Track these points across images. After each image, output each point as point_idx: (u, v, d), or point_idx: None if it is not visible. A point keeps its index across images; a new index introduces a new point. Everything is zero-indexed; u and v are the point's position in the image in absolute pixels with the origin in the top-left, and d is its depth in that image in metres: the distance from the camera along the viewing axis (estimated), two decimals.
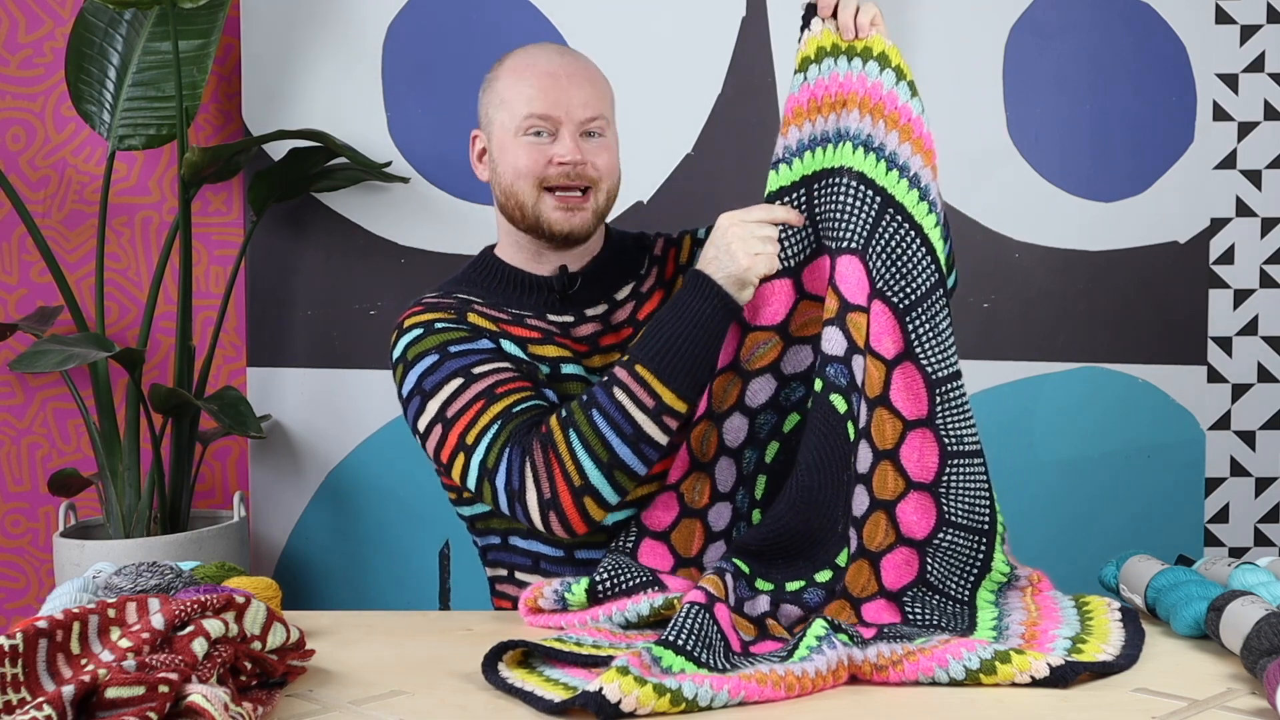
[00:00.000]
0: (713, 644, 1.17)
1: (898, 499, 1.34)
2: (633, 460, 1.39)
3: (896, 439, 1.35)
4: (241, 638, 1.15)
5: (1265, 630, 1.13)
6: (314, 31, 2.48)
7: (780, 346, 1.45)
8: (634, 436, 1.39)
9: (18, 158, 2.57)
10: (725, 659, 1.17)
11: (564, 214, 1.53)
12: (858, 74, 1.40)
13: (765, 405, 1.45)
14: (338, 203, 2.50)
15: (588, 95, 1.54)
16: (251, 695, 1.13)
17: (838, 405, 1.36)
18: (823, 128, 1.43)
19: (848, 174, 1.39)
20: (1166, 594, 1.38)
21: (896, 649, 1.16)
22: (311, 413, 2.52)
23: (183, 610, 1.12)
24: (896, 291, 1.37)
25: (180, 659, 1.05)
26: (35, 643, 1.06)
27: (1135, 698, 1.13)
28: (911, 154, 1.39)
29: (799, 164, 1.45)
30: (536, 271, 1.60)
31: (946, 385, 1.36)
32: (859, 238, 1.37)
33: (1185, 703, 1.11)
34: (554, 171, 1.52)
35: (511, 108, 1.54)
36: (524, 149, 1.53)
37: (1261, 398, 2.55)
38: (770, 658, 1.17)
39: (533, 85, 1.53)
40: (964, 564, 1.34)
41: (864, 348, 1.36)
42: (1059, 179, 2.53)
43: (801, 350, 1.45)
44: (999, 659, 1.14)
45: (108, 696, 0.98)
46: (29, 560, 2.61)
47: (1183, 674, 1.20)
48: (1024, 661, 1.13)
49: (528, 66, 1.55)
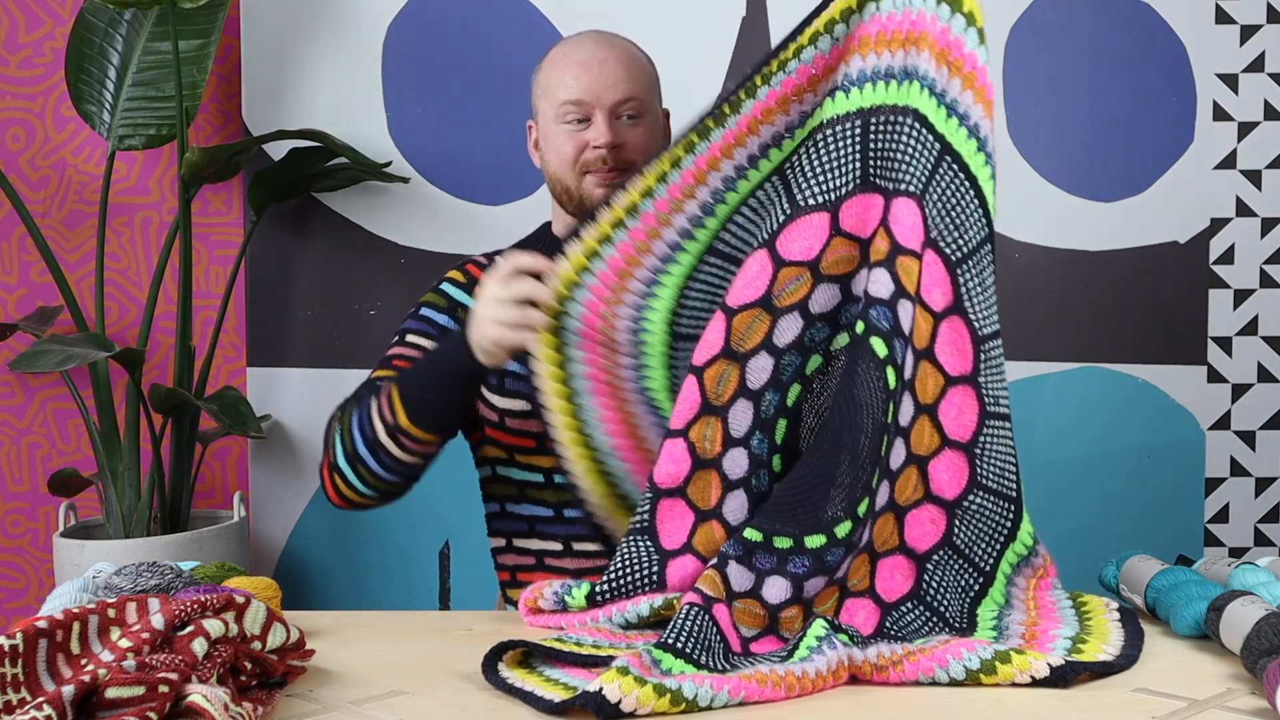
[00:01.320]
0: (711, 645, 1.17)
1: (931, 455, 1.31)
2: (370, 460, 1.51)
3: (937, 394, 1.31)
4: (241, 638, 1.15)
5: (1265, 630, 1.13)
6: (314, 31, 2.48)
7: (810, 284, 1.39)
8: (373, 441, 1.50)
9: (18, 158, 2.57)
10: (725, 660, 1.17)
11: (604, 191, 1.56)
12: (931, 14, 1.33)
13: (791, 345, 1.39)
14: (338, 203, 2.50)
15: (619, 79, 1.58)
16: (251, 695, 1.13)
17: (878, 349, 1.33)
18: (889, 62, 1.37)
19: (911, 114, 1.35)
20: (1166, 594, 1.38)
21: (897, 649, 1.16)
22: (311, 413, 2.51)
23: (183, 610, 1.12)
24: (950, 242, 1.32)
25: (180, 659, 1.05)
26: (35, 643, 1.06)
27: (1135, 698, 1.13)
28: (973, 103, 1.32)
29: (857, 94, 1.38)
30: None
31: (990, 343, 1.32)
32: (919, 182, 1.33)
33: (1185, 703, 1.11)
34: (591, 156, 1.57)
35: (551, 96, 1.60)
36: (563, 136, 1.59)
37: (1261, 398, 2.55)
38: (770, 658, 1.17)
39: (568, 73, 1.59)
40: (992, 529, 1.31)
41: (914, 295, 1.32)
42: (1059, 179, 2.53)
43: (830, 289, 1.39)
44: (999, 659, 1.13)
45: (108, 696, 0.98)
46: (29, 560, 2.61)
47: (1183, 674, 1.20)
48: (1024, 661, 1.13)
49: (564, 54, 1.62)
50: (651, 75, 1.65)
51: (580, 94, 1.57)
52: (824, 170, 1.39)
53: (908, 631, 1.24)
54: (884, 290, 1.34)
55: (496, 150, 2.47)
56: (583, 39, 1.65)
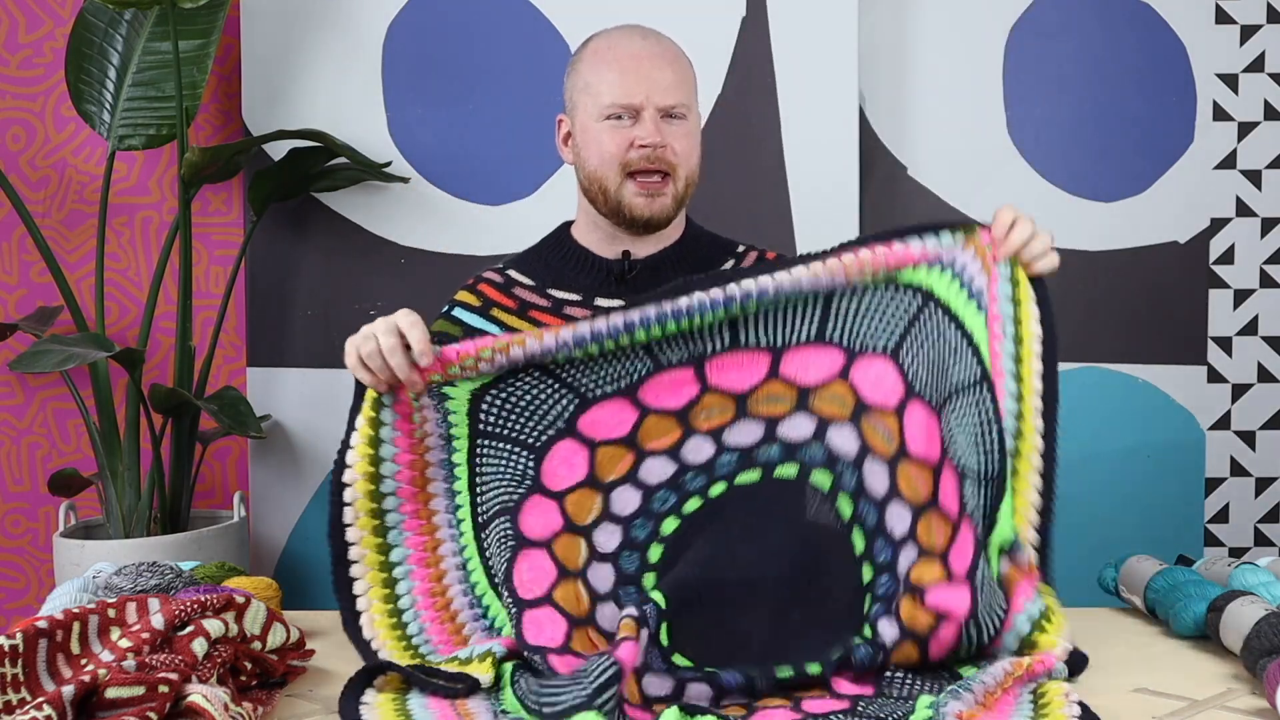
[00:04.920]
0: None
1: (935, 584, 1.29)
2: None
3: (946, 541, 1.30)
4: (241, 638, 1.15)
5: (1265, 630, 1.13)
6: (314, 31, 2.48)
7: (680, 434, 1.37)
8: None
9: (18, 158, 2.57)
10: None
11: (645, 200, 1.55)
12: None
13: (663, 484, 1.36)
14: (338, 203, 2.50)
15: (670, 79, 1.55)
16: (251, 695, 1.14)
17: (821, 484, 1.33)
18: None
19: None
20: (1166, 594, 1.39)
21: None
22: (311, 413, 2.51)
23: (183, 610, 1.12)
24: (936, 390, 1.35)
25: (180, 659, 1.06)
26: (35, 643, 1.06)
27: (1135, 698, 1.13)
28: (963, 247, 1.40)
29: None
30: (601, 253, 1.64)
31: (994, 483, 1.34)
32: (893, 339, 1.37)
33: (1185, 703, 1.11)
34: (635, 154, 1.54)
35: (595, 93, 1.56)
36: (607, 133, 1.55)
37: (1261, 398, 2.55)
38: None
39: (615, 69, 1.55)
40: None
41: (899, 452, 1.33)
42: (1059, 179, 2.53)
43: (704, 443, 1.37)
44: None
45: (108, 696, 0.98)
46: (29, 560, 2.61)
47: (1183, 674, 1.20)
48: None
49: (609, 49, 1.57)
50: (693, 76, 1.62)
51: (629, 95, 1.53)
52: (688, 330, 1.36)
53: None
54: (850, 447, 1.34)
55: (496, 150, 2.47)
56: (628, 34, 1.60)
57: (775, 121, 2.47)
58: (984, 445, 1.35)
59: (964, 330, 1.37)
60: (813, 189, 2.46)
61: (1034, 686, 1.19)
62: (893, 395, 1.35)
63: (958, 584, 1.27)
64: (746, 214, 2.46)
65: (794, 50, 2.46)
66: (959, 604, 1.26)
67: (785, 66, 2.46)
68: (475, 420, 1.37)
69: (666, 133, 1.55)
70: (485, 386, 1.36)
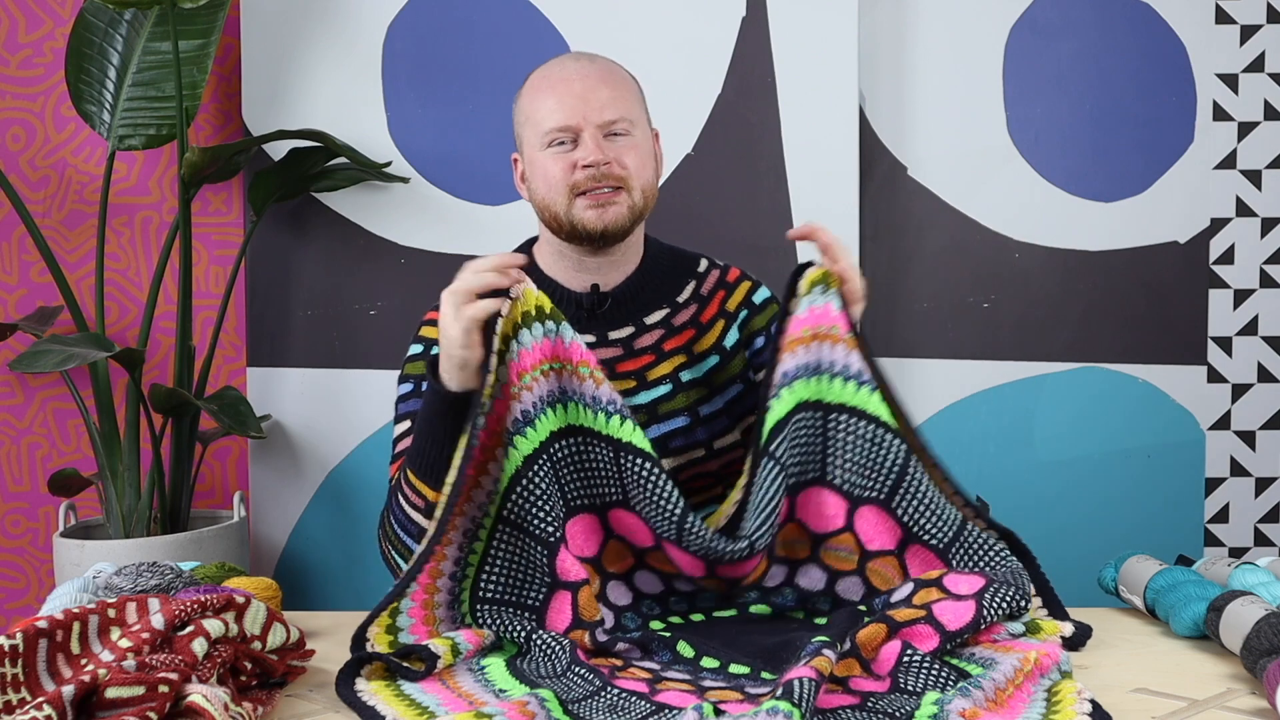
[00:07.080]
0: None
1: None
2: (414, 544, 1.44)
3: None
4: (241, 638, 1.15)
5: (1265, 630, 1.13)
6: (314, 31, 2.48)
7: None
8: (417, 532, 1.42)
9: (18, 158, 2.57)
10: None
11: (596, 211, 1.52)
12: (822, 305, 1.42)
13: (651, 596, 1.44)
14: (338, 203, 2.50)
15: (606, 98, 1.52)
16: (251, 695, 1.14)
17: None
18: (806, 359, 1.43)
19: (871, 419, 1.42)
20: (1166, 594, 1.38)
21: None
22: (311, 413, 2.52)
23: (183, 610, 1.12)
24: (934, 534, 1.40)
25: (180, 659, 1.06)
26: (35, 643, 1.06)
27: (1135, 698, 1.13)
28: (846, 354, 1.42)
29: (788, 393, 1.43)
30: (569, 285, 1.60)
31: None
32: (886, 487, 1.41)
33: (1185, 703, 1.11)
34: (581, 175, 1.51)
35: (535, 121, 1.54)
36: (551, 159, 1.53)
37: (1261, 398, 2.55)
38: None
39: (552, 96, 1.53)
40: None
41: (859, 559, 1.41)
42: (1059, 179, 2.53)
43: (618, 587, 1.41)
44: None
45: (108, 696, 0.98)
46: (29, 560, 2.61)
47: (1183, 674, 1.20)
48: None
49: (544, 79, 1.56)
50: (637, 92, 1.59)
51: (566, 118, 1.51)
52: (791, 457, 1.43)
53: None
54: (818, 581, 1.42)
55: (497, 150, 2.47)
56: (561, 61, 1.59)
57: (775, 121, 2.47)
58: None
59: (868, 417, 1.42)
60: (813, 189, 2.46)
61: (1048, 685, 1.17)
62: (836, 519, 1.42)
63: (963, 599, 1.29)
64: (747, 214, 2.46)
65: (794, 50, 2.46)
66: (969, 587, 1.31)
67: (785, 66, 2.46)
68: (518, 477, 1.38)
69: (610, 150, 1.51)
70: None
